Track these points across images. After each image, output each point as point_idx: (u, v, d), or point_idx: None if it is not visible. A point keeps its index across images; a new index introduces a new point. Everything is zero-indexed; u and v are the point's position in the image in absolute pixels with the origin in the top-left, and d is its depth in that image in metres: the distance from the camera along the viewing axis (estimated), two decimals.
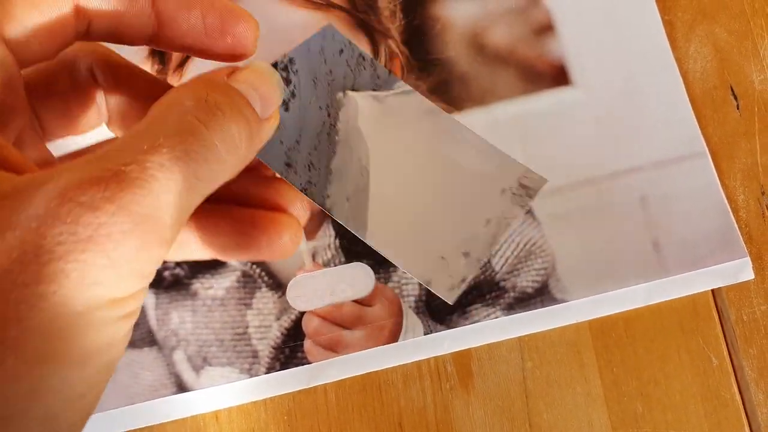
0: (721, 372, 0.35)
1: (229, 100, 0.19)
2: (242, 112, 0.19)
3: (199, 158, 0.17)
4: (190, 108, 0.18)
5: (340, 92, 0.24)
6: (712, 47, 0.39)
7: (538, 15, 0.39)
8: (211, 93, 0.19)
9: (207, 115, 0.18)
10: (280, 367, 0.34)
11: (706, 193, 0.36)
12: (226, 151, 0.18)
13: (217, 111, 0.18)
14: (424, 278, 0.22)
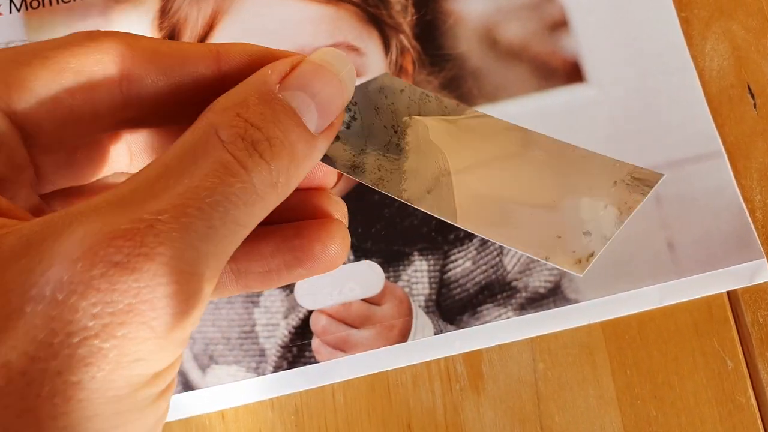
0: (737, 375, 0.34)
1: (272, 128, 0.17)
2: (289, 138, 0.17)
3: (239, 202, 0.15)
4: (226, 142, 0.16)
5: (406, 117, 0.22)
6: (729, 45, 0.38)
7: (553, 10, 0.38)
8: (251, 123, 0.16)
9: (246, 153, 0.16)
10: (287, 366, 0.33)
11: (721, 193, 0.36)
12: (270, 190, 0.16)
13: (259, 147, 0.16)
14: (540, 254, 0.19)
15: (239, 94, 0.17)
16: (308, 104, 0.17)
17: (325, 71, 0.18)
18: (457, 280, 0.34)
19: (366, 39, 0.37)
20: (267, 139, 0.16)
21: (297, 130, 0.17)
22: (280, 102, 0.17)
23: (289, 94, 0.17)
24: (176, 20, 0.37)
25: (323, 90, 0.18)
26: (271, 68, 0.18)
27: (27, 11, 0.38)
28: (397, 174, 0.21)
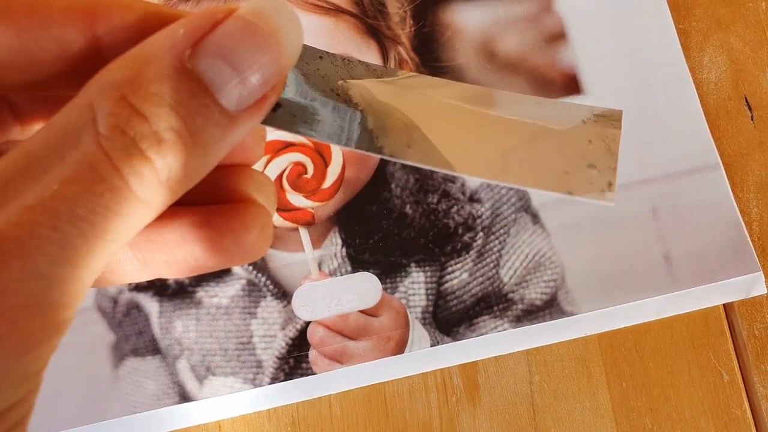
0: (732, 388, 0.34)
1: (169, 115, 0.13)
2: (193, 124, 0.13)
3: (109, 214, 0.13)
4: (103, 135, 0.13)
5: (339, 80, 0.19)
6: (727, 57, 0.38)
7: (550, 22, 0.38)
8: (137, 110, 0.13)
9: (123, 152, 0.13)
10: (284, 377, 0.33)
11: (718, 206, 0.36)
12: (157, 192, 0.13)
13: (143, 142, 0.13)
14: (561, 188, 0.18)
15: (134, 63, 0.14)
16: (228, 76, 0.14)
17: (257, 30, 0.14)
18: (453, 291, 0.35)
19: (365, 50, 0.37)
20: (155, 132, 0.13)
21: (205, 112, 0.14)
22: (187, 75, 0.13)
23: (203, 62, 0.14)
24: None
25: (253, 56, 0.14)
26: (185, 25, 0.14)
27: None
28: (363, 132, 0.18)
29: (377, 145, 0.18)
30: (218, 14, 0.14)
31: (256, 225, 0.17)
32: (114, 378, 0.34)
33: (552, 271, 0.35)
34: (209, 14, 0.14)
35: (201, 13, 0.14)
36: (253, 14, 0.14)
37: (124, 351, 0.34)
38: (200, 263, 0.17)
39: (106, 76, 0.13)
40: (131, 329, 0.34)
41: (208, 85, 0.14)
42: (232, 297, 0.34)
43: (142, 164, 0.13)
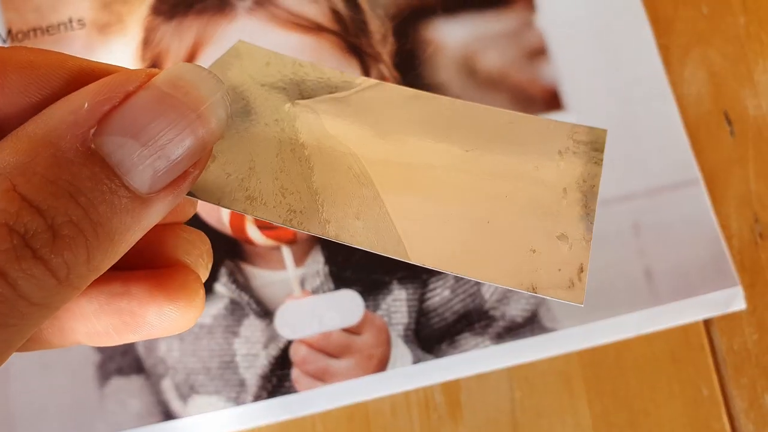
0: (712, 402, 0.34)
1: (66, 205, 0.11)
2: (95, 214, 0.12)
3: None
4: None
5: (287, 104, 0.17)
6: (707, 71, 0.39)
7: (531, 38, 0.38)
8: (31, 203, 0.11)
9: (11, 256, 0.11)
10: (267, 395, 0.34)
11: (699, 221, 0.36)
12: (54, 291, 0.12)
13: (35, 241, 0.11)
14: (524, 284, 0.15)
15: (29, 145, 0.12)
16: (139, 157, 0.12)
17: (175, 103, 0.12)
18: (435, 308, 0.35)
19: (346, 69, 0.37)
20: (51, 227, 0.11)
21: (111, 198, 0.12)
22: (90, 157, 0.12)
23: (110, 141, 0.12)
24: (158, 51, 0.38)
25: (169, 133, 0.12)
26: (91, 96, 0.12)
27: (13, 43, 0.38)
28: (308, 197, 0.16)
29: (322, 218, 0.16)
30: (131, 82, 0.12)
31: (182, 296, 0.15)
32: (99, 397, 0.34)
33: None
34: (121, 82, 0.12)
35: (111, 80, 0.12)
36: (170, 84, 0.13)
37: (109, 370, 0.34)
38: (123, 336, 0.15)
39: (4, 158, 0.12)
40: (116, 349, 0.34)
41: (114, 168, 0.12)
42: (214, 316, 0.35)
43: (34, 266, 0.11)
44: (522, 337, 0.34)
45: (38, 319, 0.12)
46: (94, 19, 0.39)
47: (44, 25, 0.39)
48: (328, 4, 0.38)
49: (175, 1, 0.39)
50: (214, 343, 0.34)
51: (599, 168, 0.17)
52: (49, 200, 0.11)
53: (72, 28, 0.39)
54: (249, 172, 0.16)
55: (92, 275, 0.12)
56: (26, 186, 0.11)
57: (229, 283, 0.35)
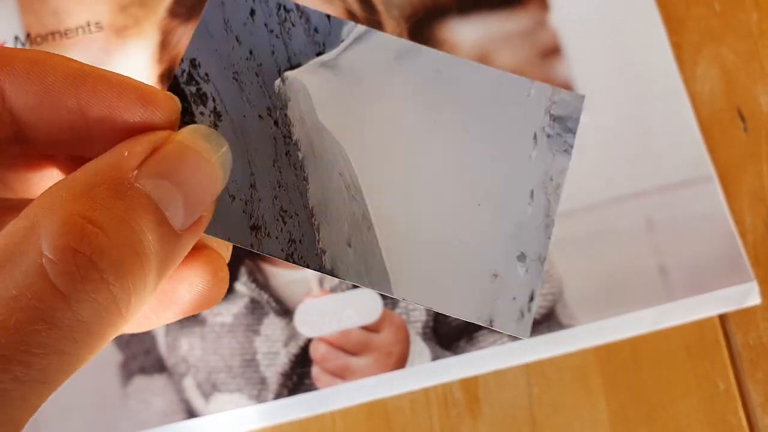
0: (728, 397, 0.35)
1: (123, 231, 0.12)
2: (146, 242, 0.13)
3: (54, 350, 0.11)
4: (48, 262, 0.12)
5: (277, 80, 0.18)
6: (720, 69, 0.39)
7: (545, 37, 0.39)
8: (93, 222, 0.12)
9: (71, 279, 0.12)
10: (287, 393, 0.34)
11: (712, 217, 0.36)
12: (111, 320, 0.12)
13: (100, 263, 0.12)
14: (483, 317, 0.17)
15: (82, 181, 0.13)
16: (173, 195, 0.14)
17: (194, 154, 0.15)
18: None
19: None
20: (114, 247, 0.12)
21: (158, 229, 0.13)
22: (137, 193, 0.13)
23: (149, 183, 0.14)
24: (176, 53, 0.38)
25: (192, 177, 0.14)
26: (128, 148, 0.14)
27: (31, 47, 0.39)
28: (305, 220, 0.17)
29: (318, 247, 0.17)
30: (156, 139, 0.14)
31: (208, 272, 0.16)
32: (122, 396, 0.34)
33: (549, 285, 0.35)
34: (147, 138, 0.14)
35: (142, 137, 0.14)
36: (190, 140, 0.15)
37: (131, 369, 0.35)
38: (160, 316, 0.16)
39: (51, 193, 0.13)
40: (138, 348, 0.35)
41: (156, 204, 0.13)
42: (235, 315, 0.35)
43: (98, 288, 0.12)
44: (539, 333, 0.35)
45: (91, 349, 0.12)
46: (112, 23, 0.39)
47: (62, 29, 0.40)
48: (343, 5, 0.39)
49: (191, 3, 0.39)
50: (235, 341, 0.35)
51: (568, 159, 0.18)
52: (108, 224, 0.12)
53: (90, 32, 0.39)
54: (250, 192, 0.17)
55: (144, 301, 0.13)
56: (88, 210, 0.12)
57: (249, 282, 0.35)
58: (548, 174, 0.18)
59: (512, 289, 0.17)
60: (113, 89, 0.15)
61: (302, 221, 0.17)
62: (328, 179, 0.17)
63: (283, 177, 0.17)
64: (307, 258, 0.17)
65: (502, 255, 0.17)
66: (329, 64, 0.18)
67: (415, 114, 0.18)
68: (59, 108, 0.15)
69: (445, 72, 0.18)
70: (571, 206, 0.36)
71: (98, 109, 0.15)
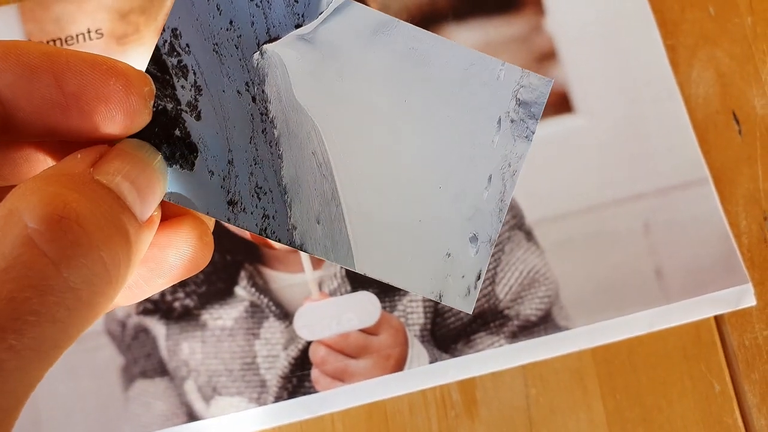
0: (724, 398, 0.35)
1: (95, 210, 0.13)
2: (116, 223, 0.14)
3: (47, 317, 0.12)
4: (34, 232, 0.12)
5: (256, 53, 0.18)
6: (714, 72, 0.39)
7: (541, 42, 0.39)
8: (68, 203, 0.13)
9: (59, 245, 0.12)
10: (287, 396, 0.34)
11: (708, 219, 0.37)
12: (91, 293, 0.13)
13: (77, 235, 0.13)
14: (434, 292, 0.18)
15: (49, 174, 0.14)
16: (129, 189, 0.15)
17: (137, 158, 0.16)
18: (451, 309, 0.36)
19: None
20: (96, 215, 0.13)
21: (126, 213, 0.14)
22: (100, 184, 0.14)
23: (106, 177, 0.15)
24: None
25: (140, 176, 0.15)
26: (79, 153, 0.15)
27: None
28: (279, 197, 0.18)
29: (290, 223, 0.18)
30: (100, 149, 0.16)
31: (194, 236, 0.17)
32: (124, 400, 0.35)
33: (546, 287, 0.36)
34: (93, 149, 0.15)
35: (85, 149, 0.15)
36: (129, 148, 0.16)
37: (133, 373, 0.35)
38: (151, 284, 0.17)
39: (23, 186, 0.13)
40: (140, 352, 0.35)
41: (117, 194, 0.15)
42: (235, 319, 0.35)
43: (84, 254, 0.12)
44: (536, 335, 0.35)
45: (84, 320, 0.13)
46: (112, 30, 0.40)
47: (63, 36, 0.40)
48: None
49: None
50: (236, 345, 0.35)
51: (528, 145, 0.19)
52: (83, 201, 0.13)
53: (90, 39, 0.40)
54: (228, 168, 0.18)
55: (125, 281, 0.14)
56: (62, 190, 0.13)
57: (248, 286, 0.36)
58: (507, 159, 0.19)
59: (462, 268, 0.18)
60: (86, 63, 0.15)
61: (276, 198, 0.18)
62: (301, 157, 0.18)
63: (259, 154, 0.18)
64: (279, 233, 0.18)
65: (456, 236, 0.18)
66: (307, 38, 0.18)
67: (388, 94, 0.19)
68: (38, 84, 0.15)
69: (420, 50, 0.19)
70: (568, 209, 0.37)
71: (74, 82, 0.15)
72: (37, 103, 0.15)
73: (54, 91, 0.15)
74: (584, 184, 0.37)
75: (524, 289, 0.36)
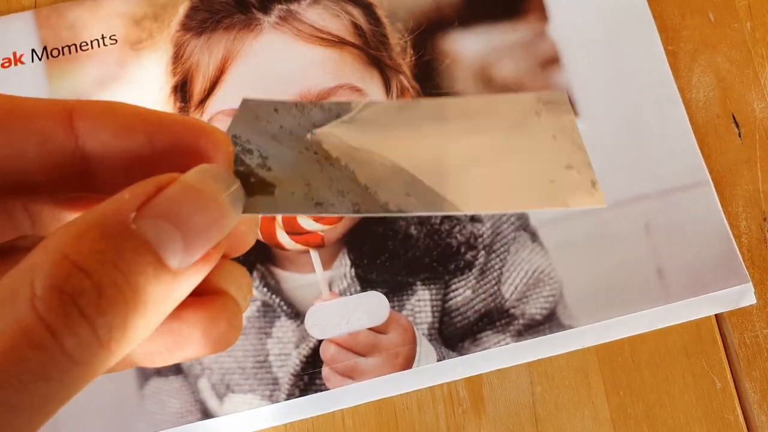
0: (725, 395, 0.36)
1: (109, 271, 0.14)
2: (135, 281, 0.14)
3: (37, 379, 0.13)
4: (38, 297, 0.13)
5: (308, 134, 0.20)
6: (714, 76, 0.40)
7: (544, 48, 0.40)
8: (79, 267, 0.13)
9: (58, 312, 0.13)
10: (299, 393, 0.35)
11: (708, 220, 0.38)
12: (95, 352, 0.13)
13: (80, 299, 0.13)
14: (557, 203, 0.19)
15: (79, 227, 0.14)
16: (172, 236, 0.14)
17: (199, 195, 0.15)
18: (458, 308, 0.36)
19: (368, 80, 0.39)
20: (96, 287, 0.13)
21: (148, 270, 0.14)
22: (130, 235, 0.14)
23: (147, 223, 0.14)
24: (188, 65, 0.40)
25: (194, 218, 0.15)
26: (130, 191, 0.15)
27: (48, 60, 0.40)
28: (362, 192, 0.19)
29: (381, 202, 0.18)
30: (162, 180, 0.15)
31: (223, 319, 0.17)
32: (139, 398, 0.36)
33: (551, 287, 0.37)
34: (154, 180, 0.15)
35: (144, 181, 0.15)
36: (195, 179, 0.15)
37: (148, 372, 0.36)
38: (174, 354, 0.17)
39: (50, 239, 0.14)
40: None
41: (151, 244, 0.14)
42: (248, 318, 0.36)
43: (78, 323, 0.13)
44: (541, 334, 0.36)
45: (78, 379, 0.14)
46: (126, 36, 0.41)
47: (78, 42, 0.41)
48: (349, 19, 0.40)
49: (203, 17, 0.40)
50: (248, 343, 0.36)
51: (572, 115, 0.21)
52: (96, 266, 0.14)
53: (105, 44, 0.41)
54: (308, 188, 0.18)
55: (128, 343, 0.14)
56: (76, 254, 0.14)
57: (261, 286, 0.37)
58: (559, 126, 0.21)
59: (572, 185, 0.19)
60: (177, 123, 0.16)
61: (360, 192, 0.19)
62: (373, 167, 0.19)
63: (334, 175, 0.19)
64: (372, 209, 0.18)
65: (552, 168, 0.20)
66: (347, 121, 0.21)
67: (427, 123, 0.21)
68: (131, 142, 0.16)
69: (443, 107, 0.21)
70: (571, 210, 0.38)
71: (166, 139, 0.16)
72: (125, 159, 0.16)
73: (145, 149, 0.16)
74: None
75: (529, 288, 0.37)
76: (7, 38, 0.41)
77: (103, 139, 0.16)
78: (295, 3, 0.40)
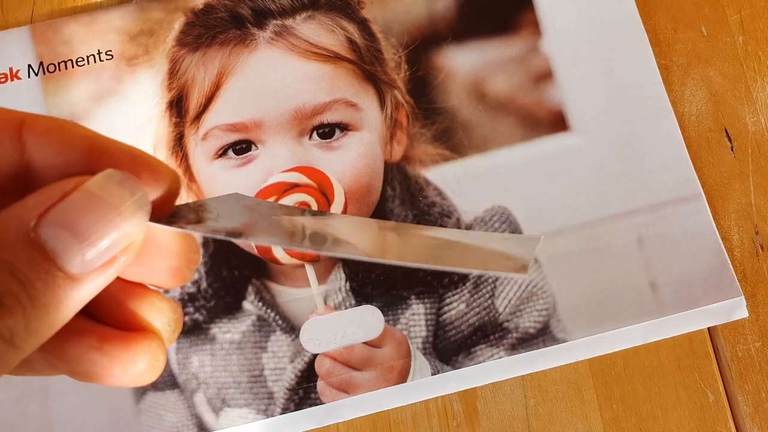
0: (717, 407, 0.36)
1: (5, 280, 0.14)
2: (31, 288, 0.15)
3: None
4: None
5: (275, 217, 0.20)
6: (707, 90, 0.41)
7: (538, 62, 0.40)
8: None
9: None
10: (294, 407, 0.36)
11: (701, 234, 0.38)
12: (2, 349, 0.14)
13: None
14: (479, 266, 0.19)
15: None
16: (69, 244, 0.15)
17: (99, 202, 0.15)
18: (452, 322, 0.37)
19: (363, 95, 0.39)
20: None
21: (47, 277, 0.15)
22: (29, 243, 0.15)
23: (46, 232, 0.15)
24: (184, 81, 0.40)
25: (93, 226, 0.15)
26: (34, 198, 0.15)
27: (44, 75, 0.41)
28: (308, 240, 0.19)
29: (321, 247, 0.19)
30: (68, 185, 0.15)
31: (143, 358, 0.17)
32: (136, 412, 0.36)
33: (544, 301, 0.37)
34: (59, 185, 0.15)
35: (53, 185, 0.15)
36: (97, 186, 0.16)
37: (144, 386, 0.36)
38: (100, 380, 0.18)
39: None
40: None
41: (50, 253, 0.15)
42: (243, 332, 0.37)
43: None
44: (534, 347, 0.36)
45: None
46: (122, 51, 0.41)
47: (74, 57, 0.41)
48: (344, 34, 0.40)
49: (198, 33, 0.41)
50: (244, 358, 0.36)
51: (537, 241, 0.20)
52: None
53: (101, 60, 0.41)
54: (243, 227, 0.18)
55: (34, 339, 0.15)
56: None
57: (256, 300, 0.37)
58: None
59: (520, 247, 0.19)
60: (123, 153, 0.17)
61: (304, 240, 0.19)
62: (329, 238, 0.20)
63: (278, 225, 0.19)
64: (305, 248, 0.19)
65: None
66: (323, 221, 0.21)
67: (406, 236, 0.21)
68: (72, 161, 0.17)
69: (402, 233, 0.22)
70: (564, 224, 0.38)
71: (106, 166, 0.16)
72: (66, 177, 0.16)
73: (87, 170, 0.16)
74: (580, 200, 0.38)
75: (523, 302, 0.37)
76: (4, 54, 0.41)
77: (47, 154, 0.16)
78: (290, 18, 0.40)
